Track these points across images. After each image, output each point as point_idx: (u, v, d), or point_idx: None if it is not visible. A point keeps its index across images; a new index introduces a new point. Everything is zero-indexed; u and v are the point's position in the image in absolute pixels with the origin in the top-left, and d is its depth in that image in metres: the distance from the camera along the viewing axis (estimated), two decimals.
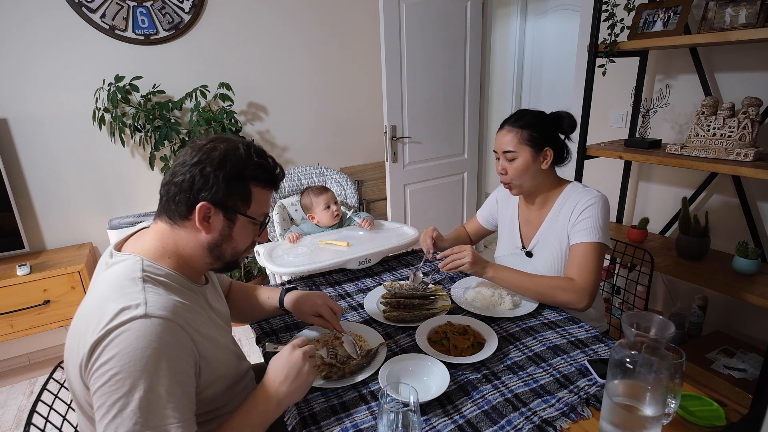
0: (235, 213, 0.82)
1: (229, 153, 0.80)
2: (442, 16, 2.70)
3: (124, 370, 0.66)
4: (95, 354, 0.68)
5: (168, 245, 0.82)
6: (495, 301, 1.25)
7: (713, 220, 1.90)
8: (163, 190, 0.81)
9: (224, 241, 0.83)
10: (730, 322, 1.93)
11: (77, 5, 2.09)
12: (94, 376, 0.67)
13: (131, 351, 0.67)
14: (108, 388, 0.66)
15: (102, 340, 0.67)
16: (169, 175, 0.81)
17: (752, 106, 1.54)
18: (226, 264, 0.88)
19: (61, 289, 2.04)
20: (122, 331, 0.67)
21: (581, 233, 1.22)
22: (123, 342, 0.67)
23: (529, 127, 1.24)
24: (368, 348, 1.05)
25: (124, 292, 0.72)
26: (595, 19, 1.81)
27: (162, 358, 0.69)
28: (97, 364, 0.67)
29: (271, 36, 2.57)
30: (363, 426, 0.84)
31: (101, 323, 0.68)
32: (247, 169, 0.81)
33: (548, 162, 1.26)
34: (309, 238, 1.71)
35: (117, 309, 0.69)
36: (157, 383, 0.68)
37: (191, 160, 0.79)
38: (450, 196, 3.13)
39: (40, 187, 2.21)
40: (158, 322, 0.70)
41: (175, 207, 0.80)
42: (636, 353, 0.75)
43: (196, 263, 0.85)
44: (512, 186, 1.31)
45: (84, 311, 0.76)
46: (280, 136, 2.74)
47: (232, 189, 0.80)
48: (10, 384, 2.20)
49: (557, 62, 3.97)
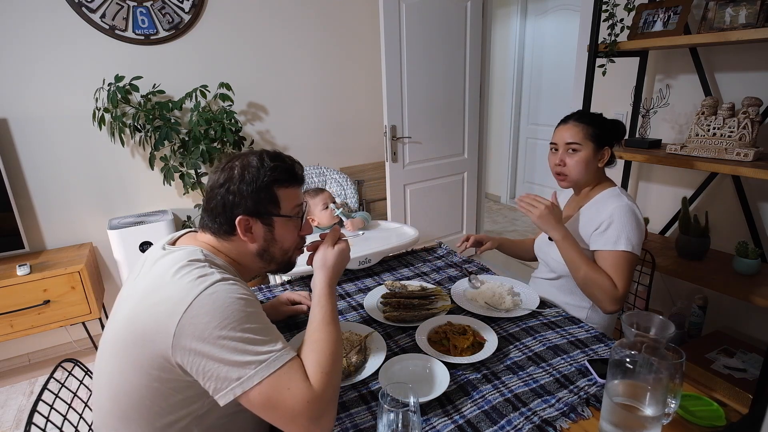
0: (270, 217, 0.89)
1: (245, 167, 0.87)
2: (442, 16, 2.70)
3: (230, 318, 0.72)
4: (194, 320, 0.72)
5: (221, 248, 0.90)
6: (495, 301, 1.25)
7: (713, 220, 1.90)
8: (204, 215, 0.91)
9: (270, 245, 0.91)
10: (730, 322, 1.93)
11: (77, 5, 2.09)
12: (201, 338, 0.71)
13: (228, 303, 0.74)
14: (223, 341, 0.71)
15: (193, 305, 0.72)
16: (205, 201, 0.90)
17: (752, 106, 1.54)
18: (280, 264, 0.97)
19: (61, 289, 2.04)
20: (211, 293, 0.74)
21: (608, 240, 1.23)
22: (217, 301, 0.73)
23: (595, 125, 1.30)
24: (359, 342, 1.05)
25: (194, 268, 0.78)
26: (595, 19, 1.81)
27: (252, 304, 0.77)
28: (201, 327, 0.71)
29: (271, 36, 2.57)
30: (363, 426, 0.84)
31: (183, 292, 0.74)
32: (265, 176, 0.87)
33: (605, 161, 1.32)
34: (309, 238, 1.71)
35: (193, 278, 0.76)
36: (259, 320, 0.77)
37: (218, 183, 0.87)
38: (450, 196, 3.13)
39: (40, 187, 2.21)
40: (236, 284, 0.78)
41: (219, 226, 0.88)
42: (636, 353, 0.75)
43: (250, 267, 0.94)
44: (568, 178, 1.34)
45: (152, 287, 0.79)
46: (280, 136, 2.74)
47: (260, 197, 0.87)
48: (10, 384, 2.20)
49: (557, 62, 3.97)
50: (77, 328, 2.33)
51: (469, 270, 1.49)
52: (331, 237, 0.98)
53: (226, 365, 0.71)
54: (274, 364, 0.73)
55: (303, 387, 0.73)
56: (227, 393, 0.71)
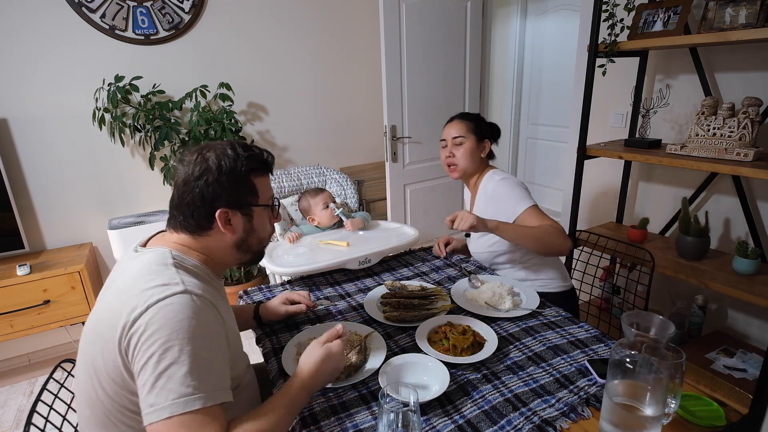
0: (249, 207, 0.88)
1: (220, 158, 0.84)
2: (442, 16, 2.70)
3: (172, 338, 0.69)
4: (139, 328, 0.70)
5: (193, 246, 0.87)
6: (495, 301, 1.25)
7: (713, 220, 1.90)
8: (176, 212, 0.86)
9: (249, 236, 0.90)
10: (730, 322, 1.93)
11: (77, 5, 2.09)
12: (141, 348, 0.69)
13: (178, 321, 0.70)
14: (157, 357, 0.68)
15: (145, 313, 0.70)
16: (177, 197, 0.85)
17: (752, 106, 1.54)
18: (254, 254, 0.94)
19: (61, 289, 2.04)
20: (166, 304, 0.71)
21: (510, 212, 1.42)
22: (168, 314, 0.70)
23: (474, 122, 1.55)
24: (359, 342, 1.05)
25: (160, 274, 0.76)
26: (595, 19, 1.81)
27: (207, 328, 0.74)
28: (144, 338, 0.69)
29: (271, 36, 2.57)
30: (363, 426, 0.84)
31: (142, 299, 0.71)
32: (242, 165, 0.85)
33: (486, 151, 1.56)
34: (309, 238, 1.71)
35: (155, 284, 0.73)
36: (205, 350, 0.72)
37: (194, 176, 0.83)
38: (450, 196, 3.13)
39: (40, 187, 2.21)
40: (198, 299, 0.74)
41: (195, 222, 0.85)
42: (636, 353, 0.75)
43: (225, 261, 0.91)
44: (457, 168, 1.55)
45: (116, 293, 0.78)
46: (280, 136, 2.74)
47: (239, 187, 0.85)
48: (10, 384, 2.20)
49: (557, 62, 3.97)
50: (77, 328, 2.33)
51: (468, 270, 1.49)
52: (326, 335, 0.92)
53: (149, 386, 0.68)
54: (192, 404, 0.67)
55: None
56: (145, 416, 0.68)
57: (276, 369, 1.03)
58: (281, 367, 1.02)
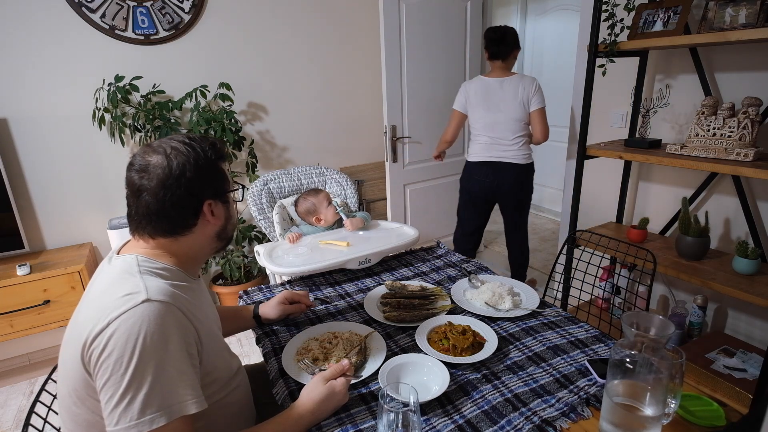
0: (225, 194, 0.90)
1: (189, 153, 0.82)
2: (442, 16, 2.70)
3: (133, 356, 0.67)
4: (100, 344, 0.68)
5: (169, 249, 0.85)
6: (495, 301, 1.25)
7: (713, 220, 1.90)
8: (153, 218, 0.82)
9: (227, 222, 0.91)
10: (730, 322, 1.93)
11: (77, 5, 2.09)
12: (101, 367, 0.68)
13: (136, 336, 0.68)
14: (117, 378, 0.67)
15: (105, 329, 0.68)
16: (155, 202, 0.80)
17: (752, 106, 1.54)
18: (229, 240, 0.95)
19: (61, 289, 2.04)
20: (126, 318, 0.69)
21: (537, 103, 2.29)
22: (128, 329, 0.68)
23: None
24: (359, 342, 1.05)
25: (124, 284, 0.75)
26: (595, 19, 1.81)
27: (169, 339, 0.71)
28: (104, 355, 0.68)
29: (271, 36, 2.57)
30: (363, 426, 0.84)
31: (104, 313, 0.70)
32: (212, 155, 0.85)
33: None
34: (309, 238, 1.71)
35: (118, 296, 0.72)
36: (167, 364, 0.70)
37: (173, 175, 0.80)
38: (450, 196, 3.13)
39: (40, 187, 2.21)
40: (160, 305, 0.72)
41: (181, 222, 0.84)
42: (636, 353, 0.75)
43: (202, 255, 0.91)
44: None
45: (84, 306, 0.77)
46: (280, 136, 2.74)
47: (217, 177, 0.87)
48: (10, 384, 2.20)
49: (557, 62, 3.97)
50: None
51: (468, 270, 1.49)
52: (330, 371, 0.91)
53: (111, 406, 0.67)
54: (154, 422, 0.67)
55: None
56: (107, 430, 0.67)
57: (276, 369, 1.03)
58: (281, 367, 1.02)
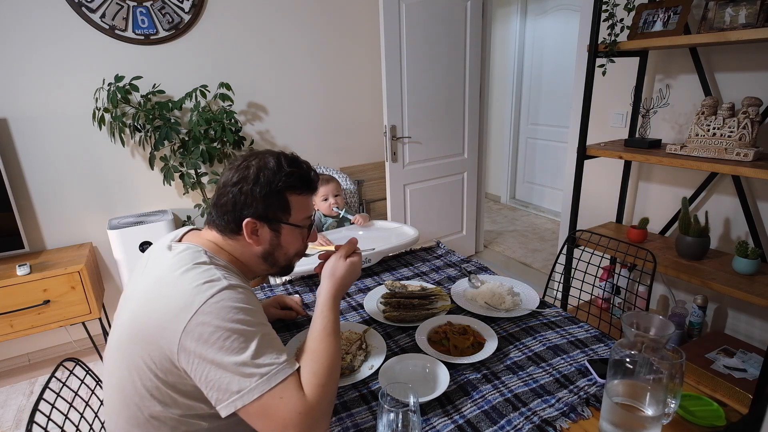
0: (278, 223, 0.88)
1: (261, 169, 0.86)
2: (442, 16, 2.70)
3: (235, 327, 0.72)
4: (197, 327, 0.71)
5: (224, 247, 0.89)
6: (495, 301, 1.25)
7: (713, 220, 1.90)
8: (213, 210, 0.88)
9: (275, 250, 0.91)
10: (730, 322, 1.93)
11: (77, 5, 2.09)
12: (206, 347, 0.71)
13: (234, 310, 0.73)
14: (227, 348, 0.70)
15: (198, 314, 0.71)
16: (215, 197, 0.88)
17: (752, 106, 1.54)
18: (282, 269, 0.96)
19: (61, 289, 2.04)
20: (217, 300, 0.73)
21: None
22: (223, 308, 0.72)
23: None
24: (358, 338, 1.05)
25: (200, 271, 0.78)
26: (595, 19, 1.81)
27: (259, 312, 0.77)
28: (206, 336, 0.71)
29: (271, 36, 2.57)
30: (363, 426, 0.85)
31: (192, 299, 0.73)
32: (279, 181, 0.86)
33: None
34: None
35: (200, 283, 0.75)
36: (265, 327, 0.77)
37: (231, 181, 0.86)
38: (450, 196, 3.13)
39: (40, 187, 2.21)
40: (243, 290, 0.77)
41: (225, 224, 0.87)
42: (636, 353, 0.75)
43: (253, 268, 0.93)
44: None
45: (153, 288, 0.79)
46: (280, 136, 2.74)
47: (271, 202, 0.86)
48: (10, 384, 2.20)
49: (557, 62, 3.97)
50: (77, 328, 2.33)
51: (468, 270, 1.49)
52: (345, 248, 0.96)
53: (227, 377, 0.70)
54: (275, 377, 0.71)
55: (297, 398, 0.71)
56: (228, 405, 0.70)
57: None
58: None
